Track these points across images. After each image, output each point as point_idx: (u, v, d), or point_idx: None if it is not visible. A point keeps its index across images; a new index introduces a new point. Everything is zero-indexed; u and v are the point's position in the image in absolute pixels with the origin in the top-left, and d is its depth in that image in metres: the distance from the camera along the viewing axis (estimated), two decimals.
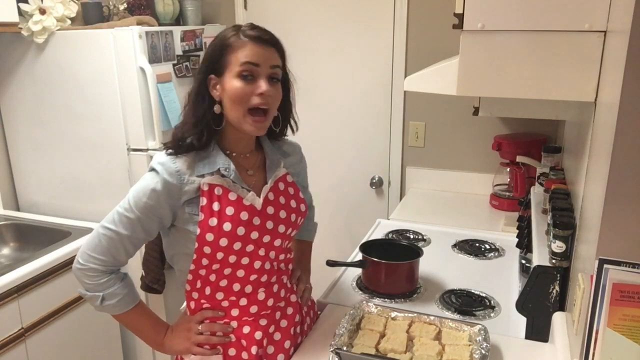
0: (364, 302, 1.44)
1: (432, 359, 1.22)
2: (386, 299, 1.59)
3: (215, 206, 1.19)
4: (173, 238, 1.26)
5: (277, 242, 1.28)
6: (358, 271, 1.73)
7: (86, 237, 1.30)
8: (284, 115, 1.31)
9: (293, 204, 1.32)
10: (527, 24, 1.18)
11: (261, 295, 1.28)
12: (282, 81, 1.25)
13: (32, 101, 2.41)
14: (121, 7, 2.47)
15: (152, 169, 1.20)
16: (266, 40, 1.19)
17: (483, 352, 1.21)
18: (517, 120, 2.46)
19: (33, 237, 2.31)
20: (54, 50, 2.30)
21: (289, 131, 1.37)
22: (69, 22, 2.33)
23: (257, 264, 1.25)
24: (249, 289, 1.26)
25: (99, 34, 2.22)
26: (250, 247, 1.22)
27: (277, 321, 1.32)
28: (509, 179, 2.42)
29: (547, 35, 1.17)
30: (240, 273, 1.24)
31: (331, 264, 1.69)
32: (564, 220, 1.29)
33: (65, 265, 2.07)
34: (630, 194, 0.89)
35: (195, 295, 1.27)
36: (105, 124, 2.31)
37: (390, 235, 2.09)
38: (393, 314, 1.39)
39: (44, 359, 2.02)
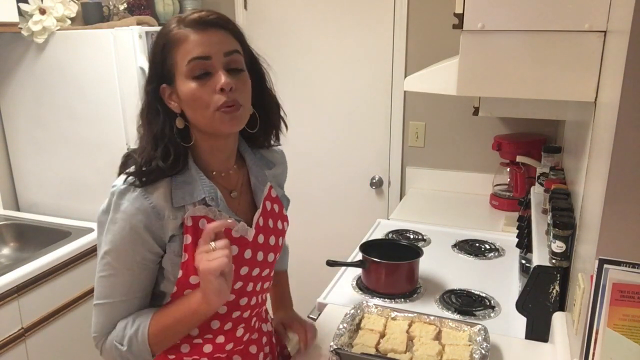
0: (364, 302, 1.44)
1: (432, 359, 1.22)
2: (386, 299, 1.59)
3: None
4: None
5: (265, 272, 1.13)
6: (358, 271, 1.73)
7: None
8: (263, 113, 1.08)
9: (279, 225, 1.16)
10: (527, 24, 1.18)
11: (240, 332, 1.12)
12: (251, 69, 1.04)
13: (32, 101, 2.41)
14: (121, 7, 2.47)
15: (119, 210, 0.97)
16: (212, 22, 0.95)
17: (483, 352, 1.21)
18: (517, 120, 2.46)
19: (33, 237, 2.31)
20: (54, 50, 2.30)
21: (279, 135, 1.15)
22: (69, 22, 2.33)
23: (244, 301, 1.10)
24: (229, 326, 1.10)
25: (99, 34, 2.22)
26: (238, 284, 1.07)
27: (252, 355, 1.18)
28: (509, 179, 2.42)
29: (547, 35, 1.17)
30: (223, 310, 1.06)
31: (331, 264, 1.68)
32: (564, 220, 1.29)
33: (65, 265, 2.07)
34: (630, 194, 0.89)
35: None
36: (105, 124, 2.31)
37: (390, 235, 2.09)
38: (393, 314, 1.39)
39: (44, 359, 2.02)
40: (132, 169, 1.00)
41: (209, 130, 0.99)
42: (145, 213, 0.96)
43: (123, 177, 1.00)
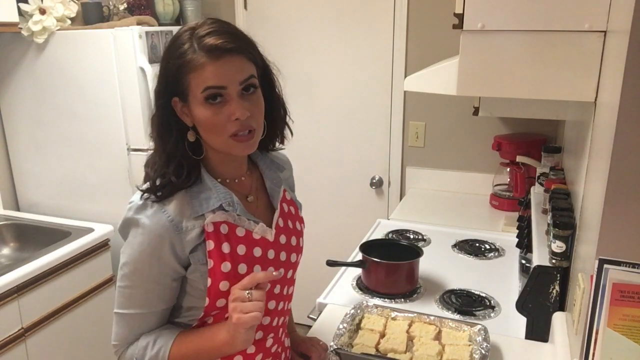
0: (364, 302, 1.44)
1: (432, 359, 1.22)
2: (386, 299, 1.59)
3: (225, 248, 1.00)
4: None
5: (289, 274, 1.13)
6: (358, 271, 1.73)
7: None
8: (271, 119, 1.08)
9: (298, 226, 1.17)
10: (527, 24, 1.18)
11: (269, 342, 1.12)
12: (262, 77, 1.05)
13: (32, 101, 2.41)
14: (121, 7, 2.47)
15: (138, 224, 0.98)
16: (227, 49, 0.93)
17: (483, 352, 1.21)
18: (517, 120, 2.46)
19: (33, 237, 2.31)
20: (54, 50, 2.30)
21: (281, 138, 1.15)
22: (69, 22, 2.33)
23: (272, 304, 1.09)
24: (259, 335, 1.09)
25: (99, 34, 2.22)
26: (267, 286, 1.03)
27: None
28: (509, 179, 2.42)
29: (547, 35, 1.17)
30: None
31: (331, 264, 1.68)
32: (564, 220, 1.29)
33: (66, 265, 2.07)
34: (630, 194, 0.89)
35: None
36: (105, 124, 2.31)
37: (390, 235, 2.09)
38: (393, 314, 1.39)
39: (44, 359, 2.02)
40: (146, 185, 1.01)
41: (222, 151, 1.01)
42: (164, 227, 0.97)
43: (139, 193, 1.01)
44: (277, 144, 1.16)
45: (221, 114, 0.95)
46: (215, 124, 0.96)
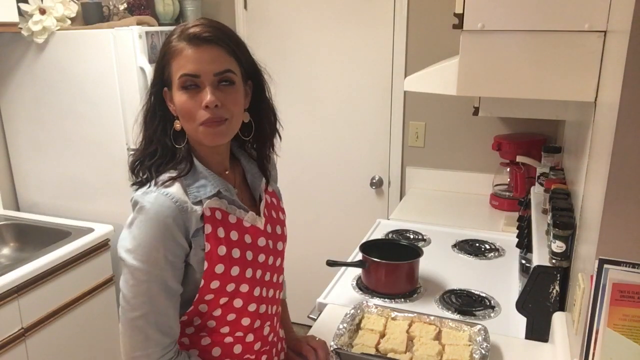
0: (364, 302, 1.44)
1: (432, 359, 1.22)
2: (386, 299, 1.59)
3: (221, 232, 1.03)
4: None
5: (278, 262, 1.18)
6: (358, 271, 1.73)
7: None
8: (258, 122, 1.12)
9: (281, 216, 1.22)
10: (527, 24, 1.18)
11: (266, 330, 1.15)
12: (252, 79, 1.08)
13: (32, 101, 2.41)
14: (121, 7, 2.47)
15: (143, 211, 0.97)
16: (206, 39, 0.97)
17: (483, 352, 1.21)
18: (517, 120, 2.46)
19: (33, 237, 2.31)
20: (54, 50, 2.30)
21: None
22: (69, 22, 2.33)
23: (264, 292, 1.13)
24: (257, 323, 1.12)
25: (99, 34, 2.22)
26: (259, 273, 1.10)
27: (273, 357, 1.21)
28: (509, 179, 2.42)
29: (547, 35, 1.17)
30: (252, 307, 1.10)
31: (331, 264, 1.68)
32: (564, 220, 1.29)
33: (66, 265, 2.07)
34: (630, 194, 0.89)
35: (190, 330, 1.09)
36: (105, 124, 2.31)
37: (390, 235, 2.09)
38: (393, 314, 1.39)
39: (44, 359, 2.02)
40: (143, 177, 1.04)
41: (195, 140, 1.05)
42: (170, 208, 0.98)
43: (140, 190, 1.02)
44: (268, 151, 1.18)
45: (194, 100, 0.99)
46: (189, 109, 0.99)
